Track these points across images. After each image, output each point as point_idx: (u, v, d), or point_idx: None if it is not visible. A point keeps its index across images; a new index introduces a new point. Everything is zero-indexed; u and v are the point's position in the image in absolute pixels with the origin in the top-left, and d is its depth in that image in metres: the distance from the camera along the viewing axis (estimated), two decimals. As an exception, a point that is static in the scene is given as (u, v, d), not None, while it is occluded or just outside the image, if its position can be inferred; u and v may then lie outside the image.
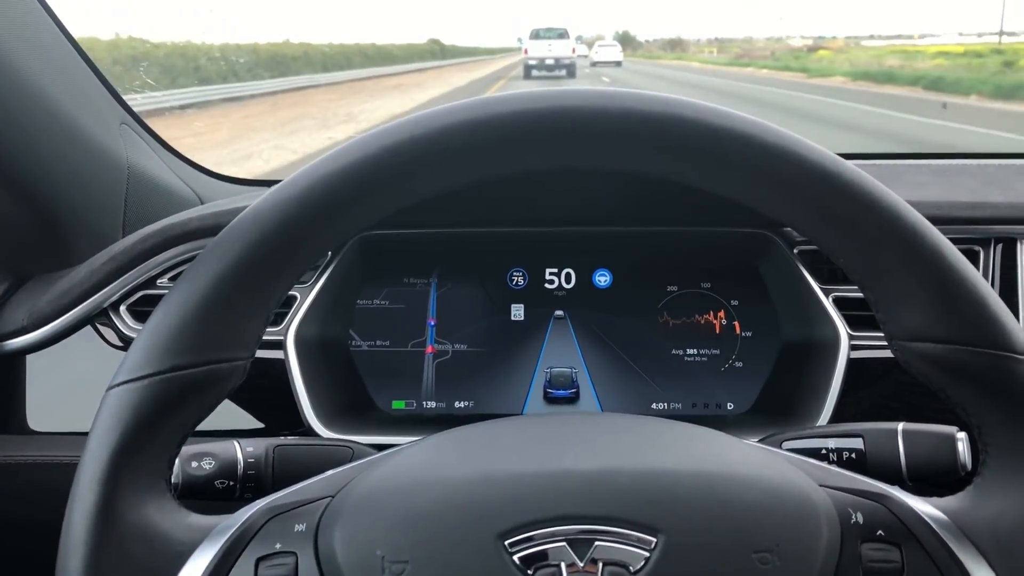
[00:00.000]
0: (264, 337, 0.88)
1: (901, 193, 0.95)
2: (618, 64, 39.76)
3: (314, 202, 0.52)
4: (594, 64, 40.02)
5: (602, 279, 1.00)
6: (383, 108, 14.07)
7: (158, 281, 0.92)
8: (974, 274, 0.52)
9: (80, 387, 0.89)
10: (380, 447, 0.61)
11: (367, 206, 0.53)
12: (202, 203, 1.14)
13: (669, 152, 0.53)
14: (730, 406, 0.98)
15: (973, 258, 0.93)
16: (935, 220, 0.91)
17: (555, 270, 1.00)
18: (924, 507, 0.52)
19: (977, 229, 0.93)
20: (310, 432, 0.87)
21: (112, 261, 0.90)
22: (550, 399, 0.97)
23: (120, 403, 0.50)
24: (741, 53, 51.89)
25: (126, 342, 0.92)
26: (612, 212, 0.97)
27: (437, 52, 46.31)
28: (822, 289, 0.91)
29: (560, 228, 0.98)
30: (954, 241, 0.91)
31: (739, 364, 0.98)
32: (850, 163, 0.53)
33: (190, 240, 0.91)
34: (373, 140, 0.52)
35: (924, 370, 0.53)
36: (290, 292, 0.90)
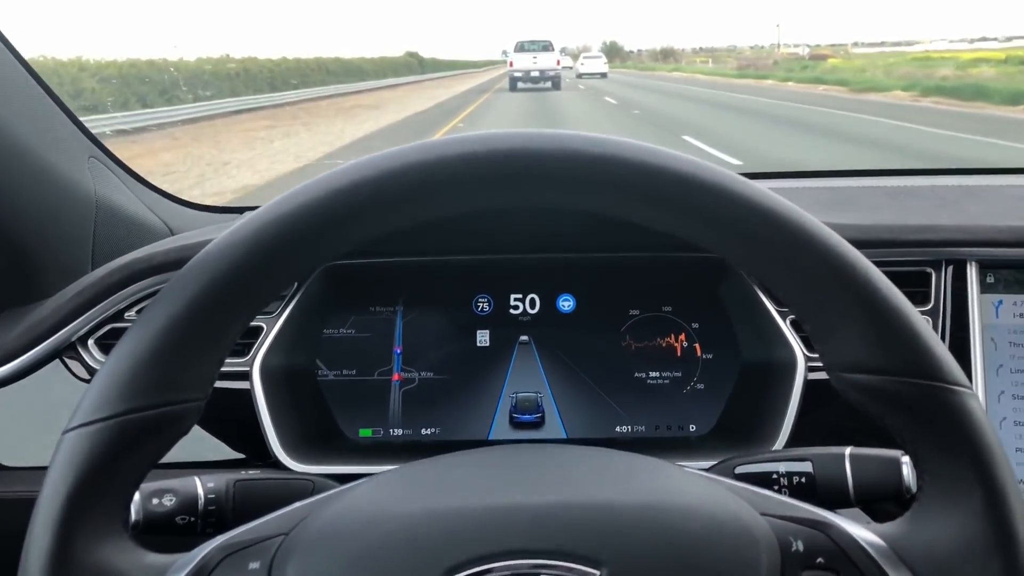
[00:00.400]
0: (230, 368, 0.90)
1: (854, 217, 0.98)
2: (603, 76, 39.61)
3: (263, 247, 0.53)
4: (580, 76, 39.73)
5: (566, 304, 1.02)
6: (292, 150, 11.02)
7: (125, 314, 0.93)
8: (907, 306, 0.54)
9: (49, 421, 0.90)
10: (346, 477, 0.62)
11: (318, 248, 0.55)
12: (172, 233, 1.15)
13: (607, 193, 0.54)
14: (692, 428, 0.99)
15: (925, 280, 0.95)
16: (887, 243, 0.95)
17: (519, 296, 1.02)
18: (863, 533, 0.54)
19: (928, 252, 0.95)
20: (276, 463, 0.88)
21: (79, 296, 0.91)
22: (516, 424, 0.98)
23: (75, 447, 0.51)
24: (746, 63, 49.40)
25: (94, 375, 0.92)
26: (574, 238, 0.99)
27: (415, 66, 45.16)
28: (779, 312, 0.93)
29: (524, 255, 1.00)
30: (906, 263, 0.95)
31: (700, 386, 1.00)
32: (785, 200, 0.55)
33: (157, 273, 0.92)
34: (323, 183, 0.54)
35: (861, 400, 0.55)
36: (256, 323, 0.92)
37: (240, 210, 1.27)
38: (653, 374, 1.00)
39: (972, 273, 0.94)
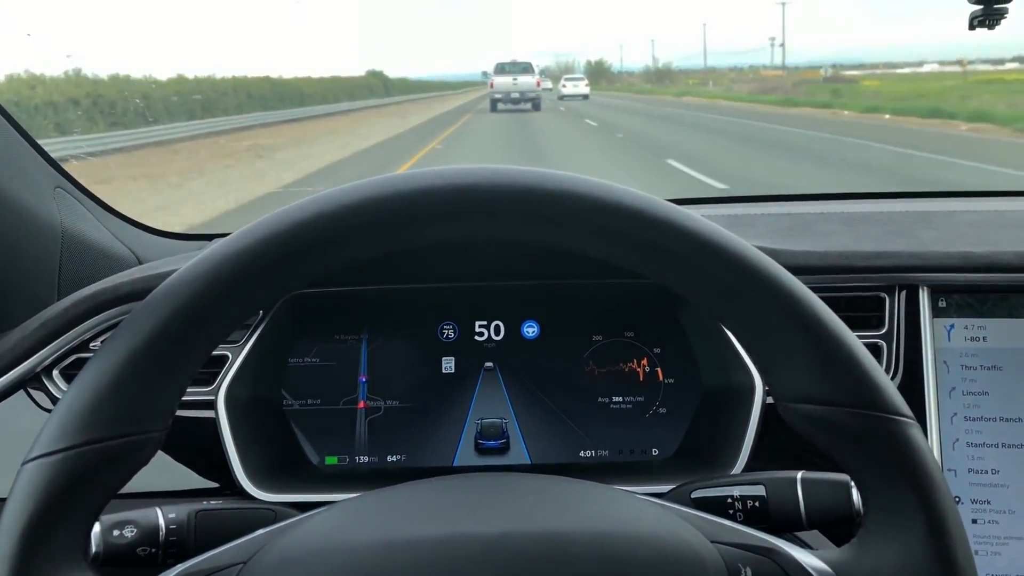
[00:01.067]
0: (195, 398, 0.90)
1: (810, 243, 1.01)
2: (585, 98, 38.43)
3: (222, 280, 0.54)
4: (561, 98, 38.80)
5: (530, 330, 1.03)
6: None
7: (91, 344, 0.93)
8: (850, 337, 0.55)
9: (12, 452, 0.89)
10: (312, 505, 0.63)
11: (279, 280, 0.56)
12: (139, 262, 1.16)
13: (555, 227, 0.56)
14: (655, 452, 1.01)
15: (879, 305, 0.97)
16: (841, 269, 0.97)
17: (484, 323, 1.03)
18: (809, 560, 0.55)
19: (882, 277, 0.97)
20: (242, 492, 0.88)
21: (44, 327, 0.92)
22: (481, 450, 0.99)
23: (33, 478, 0.52)
24: (766, 87, 42.16)
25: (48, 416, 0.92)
26: (538, 265, 1.00)
27: (378, 88, 39.97)
28: None
29: (488, 282, 1.01)
30: (859, 288, 0.97)
31: (663, 410, 1.01)
32: (732, 233, 0.57)
33: (122, 303, 0.92)
34: (285, 216, 0.55)
35: (808, 429, 0.56)
36: (221, 352, 0.92)
37: (208, 237, 1.27)
38: (616, 399, 1.02)
39: (924, 298, 0.97)
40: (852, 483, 0.69)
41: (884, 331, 0.96)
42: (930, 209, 1.22)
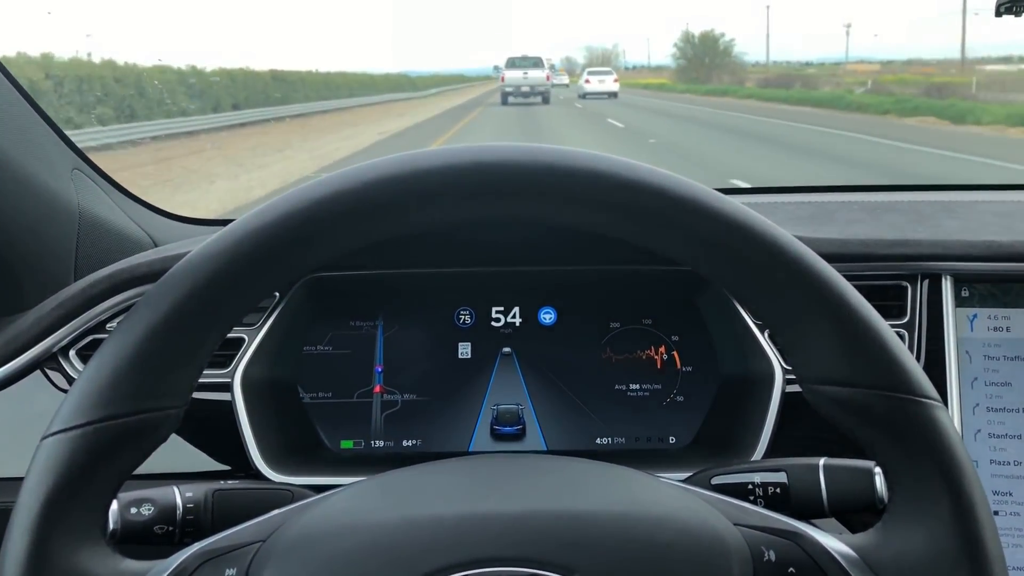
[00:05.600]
0: (212, 379, 0.90)
1: (831, 231, 1.00)
2: (613, 96, 31.99)
3: (242, 256, 0.54)
4: (584, 96, 32.15)
5: (547, 317, 1.03)
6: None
7: (107, 325, 0.93)
8: (877, 319, 0.55)
9: (29, 432, 0.90)
10: (327, 487, 0.62)
11: (298, 258, 0.55)
12: (155, 245, 1.16)
13: (584, 205, 0.55)
14: (672, 440, 1.00)
15: (901, 294, 0.96)
16: (863, 257, 0.96)
17: (501, 308, 1.03)
18: (834, 544, 0.55)
19: (904, 266, 0.96)
20: (257, 474, 0.88)
21: (61, 307, 0.91)
22: (496, 436, 0.99)
23: (53, 453, 0.52)
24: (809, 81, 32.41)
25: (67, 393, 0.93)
26: (556, 251, 1.00)
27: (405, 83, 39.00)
28: (757, 325, 0.94)
29: (506, 268, 1.01)
30: (882, 277, 0.96)
31: (680, 399, 1.01)
32: (758, 214, 0.56)
33: (138, 284, 0.92)
34: (304, 193, 0.55)
35: (832, 412, 0.55)
36: (237, 334, 0.92)
37: (223, 222, 1.27)
38: (633, 386, 1.01)
39: (947, 287, 0.95)
40: (875, 470, 0.68)
41: (906, 320, 0.95)
42: (954, 199, 1.21)
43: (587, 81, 33.97)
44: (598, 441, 1.00)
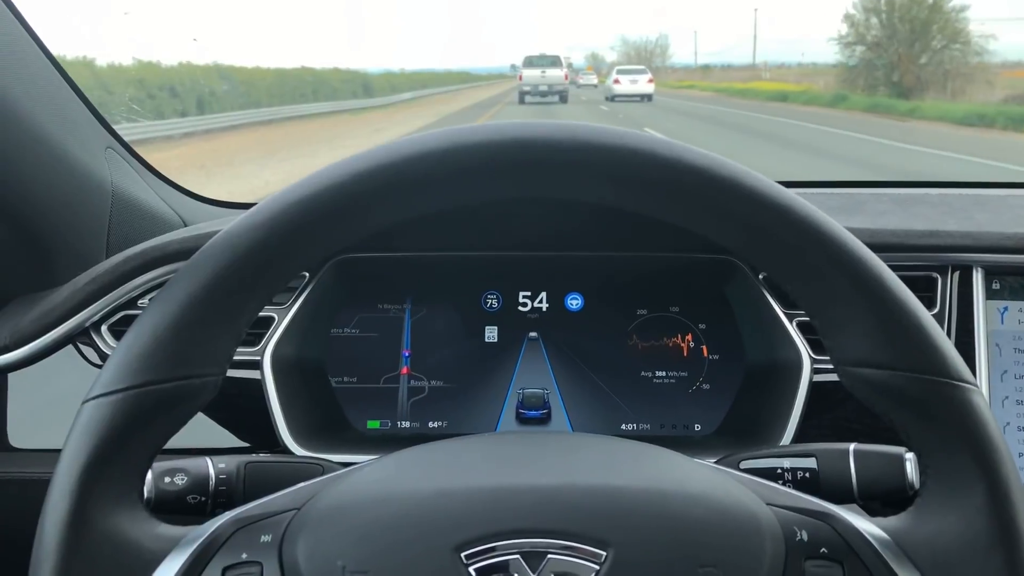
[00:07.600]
0: (242, 357, 0.91)
1: (861, 221, 0.99)
2: (648, 99, 27.59)
3: (283, 227, 0.54)
4: (612, 99, 27.87)
5: (574, 302, 1.03)
6: None
7: (139, 302, 0.94)
8: (915, 303, 0.55)
9: (61, 405, 0.91)
10: (355, 464, 0.63)
11: (336, 231, 0.56)
12: (185, 225, 1.17)
13: (622, 184, 0.55)
14: (697, 427, 1.00)
15: (931, 285, 0.96)
16: (893, 247, 0.95)
17: (528, 293, 1.03)
18: (866, 526, 0.55)
19: (934, 257, 0.96)
20: (285, 451, 0.89)
21: (94, 282, 0.92)
22: (522, 419, 0.99)
23: (93, 416, 0.52)
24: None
25: (107, 358, 0.94)
26: (584, 237, 1.00)
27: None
28: (786, 314, 0.93)
29: (533, 252, 1.01)
30: (912, 268, 0.96)
31: (706, 386, 1.00)
32: (799, 196, 0.56)
33: (171, 262, 0.93)
34: (344, 167, 0.55)
35: (867, 394, 0.55)
36: (267, 313, 0.93)
37: (250, 205, 1.28)
38: (659, 373, 1.01)
39: (978, 279, 0.95)
40: (907, 456, 0.68)
41: (935, 312, 0.95)
42: (985, 194, 1.20)
43: (616, 81, 29.21)
44: (623, 427, 1.00)
